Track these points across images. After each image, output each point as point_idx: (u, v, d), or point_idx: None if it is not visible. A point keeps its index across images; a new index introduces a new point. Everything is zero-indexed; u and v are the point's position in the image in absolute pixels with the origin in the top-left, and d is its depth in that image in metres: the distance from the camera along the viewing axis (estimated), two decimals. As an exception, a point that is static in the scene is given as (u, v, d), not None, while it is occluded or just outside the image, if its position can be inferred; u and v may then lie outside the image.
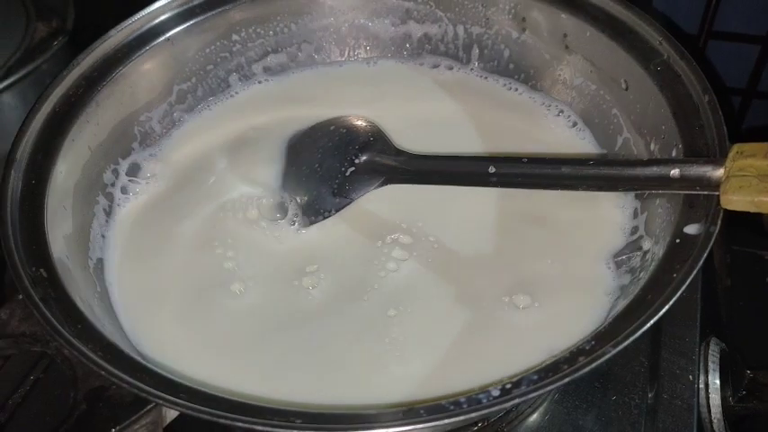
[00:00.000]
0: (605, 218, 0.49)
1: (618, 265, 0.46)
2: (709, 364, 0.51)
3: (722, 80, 0.77)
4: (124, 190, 0.53)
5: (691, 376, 0.49)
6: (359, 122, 0.55)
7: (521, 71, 0.60)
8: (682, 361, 0.50)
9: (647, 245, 0.45)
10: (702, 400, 0.49)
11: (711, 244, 0.37)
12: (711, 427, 0.49)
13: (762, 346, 0.61)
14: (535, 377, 0.34)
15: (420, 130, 0.56)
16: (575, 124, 0.56)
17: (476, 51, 0.61)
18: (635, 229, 0.47)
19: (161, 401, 0.34)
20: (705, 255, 0.37)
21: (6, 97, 0.64)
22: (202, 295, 0.47)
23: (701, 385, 0.50)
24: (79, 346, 0.36)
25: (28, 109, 0.49)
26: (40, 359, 0.42)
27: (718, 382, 0.50)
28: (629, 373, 0.50)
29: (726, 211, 0.38)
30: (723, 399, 0.49)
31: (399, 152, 0.52)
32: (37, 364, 0.43)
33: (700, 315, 0.53)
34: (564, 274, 0.46)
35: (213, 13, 0.58)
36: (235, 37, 0.60)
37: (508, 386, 0.34)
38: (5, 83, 0.63)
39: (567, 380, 0.33)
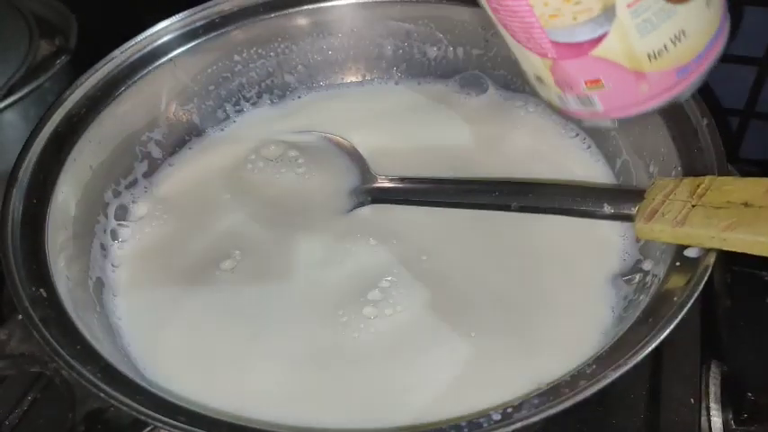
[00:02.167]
0: (604, 241, 0.49)
1: (618, 288, 0.46)
2: (710, 386, 0.50)
3: (720, 101, 0.77)
4: (125, 210, 0.53)
5: (692, 399, 0.49)
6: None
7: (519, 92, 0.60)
8: (682, 384, 0.50)
9: (647, 266, 0.45)
10: (704, 424, 0.49)
11: (711, 267, 0.37)
12: (714, 450, 0.49)
13: (763, 368, 0.61)
14: (536, 401, 0.34)
15: (429, 154, 0.56)
16: (589, 147, 0.56)
17: (474, 73, 0.61)
18: (635, 253, 0.47)
19: (159, 424, 0.34)
20: (706, 277, 0.37)
21: (8, 115, 0.64)
22: (207, 317, 0.47)
23: (703, 409, 0.49)
24: (78, 368, 0.36)
25: (29, 127, 0.49)
26: (38, 380, 0.42)
27: (719, 405, 0.49)
28: (630, 396, 0.50)
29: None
30: (725, 422, 0.49)
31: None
32: (35, 385, 0.42)
33: (700, 337, 0.52)
34: (562, 299, 0.46)
35: (215, 34, 0.58)
36: (236, 57, 0.60)
37: (509, 410, 0.34)
38: (7, 101, 0.63)
39: (568, 403, 0.33)
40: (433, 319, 0.45)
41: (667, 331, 0.35)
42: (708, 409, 0.49)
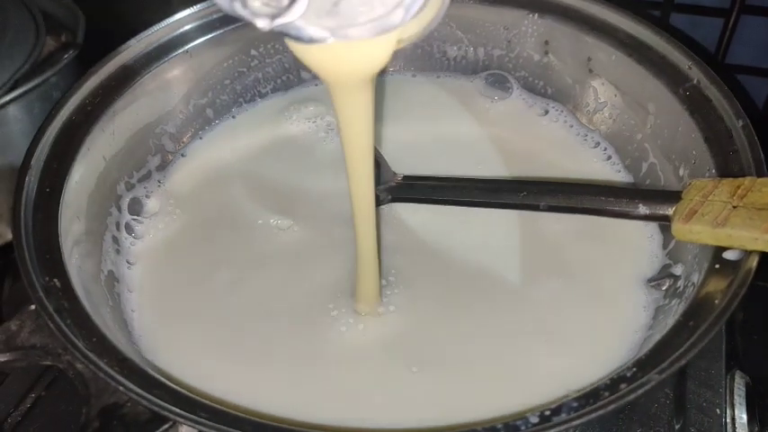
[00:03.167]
0: (632, 246, 0.48)
1: (647, 293, 0.45)
2: (736, 397, 0.49)
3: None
4: (139, 204, 0.52)
5: (718, 410, 0.48)
6: None
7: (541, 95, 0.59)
8: (708, 393, 0.49)
9: (678, 271, 0.44)
10: (729, 436, 0.48)
11: (755, 266, 0.36)
12: (739, 463, 0.47)
13: (779, 381, 0.60)
14: (575, 404, 0.33)
15: (447, 152, 0.55)
16: (609, 157, 0.54)
17: (497, 75, 0.60)
18: (664, 257, 0.46)
19: (180, 419, 0.32)
20: (750, 280, 0.36)
21: (13, 110, 0.63)
22: (222, 311, 0.46)
23: (728, 419, 0.48)
24: (95, 360, 0.34)
25: (34, 122, 0.48)
26: (49, 373, 0.40)
27: (745, 416, 0.48)
28: (655, 405, 0.48)
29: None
30: (751, 434, 0.48)
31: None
32: (46, 377, 0.40)
33: (725, 346, 0.51)
34: (591, 303, 0.45)
35: (233, 26, 0.57)
36: (253, 52, 0.59)
37: (547, 413, 0.33)
38: (12, 95, 0.61)
39: (611, 407, 0.32)
40: (433, 322, 0.44)
41: (711, 334, 0.34)
42: (733, 420, 0.48)
